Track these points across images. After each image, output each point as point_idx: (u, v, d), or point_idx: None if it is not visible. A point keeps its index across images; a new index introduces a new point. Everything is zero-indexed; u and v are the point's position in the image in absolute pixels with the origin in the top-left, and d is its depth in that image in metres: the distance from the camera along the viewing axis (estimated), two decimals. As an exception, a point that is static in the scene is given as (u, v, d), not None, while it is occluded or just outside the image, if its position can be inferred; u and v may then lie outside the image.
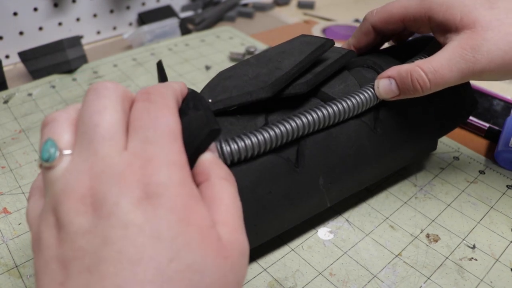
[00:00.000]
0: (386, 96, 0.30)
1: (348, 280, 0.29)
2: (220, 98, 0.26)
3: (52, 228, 0.18)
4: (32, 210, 0.20)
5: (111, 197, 0.17)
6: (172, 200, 0.17)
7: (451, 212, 0.35)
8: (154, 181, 0.17)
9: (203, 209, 0.18)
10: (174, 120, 0.19)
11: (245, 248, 0.20)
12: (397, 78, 0.29)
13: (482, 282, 0.29)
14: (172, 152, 0.18)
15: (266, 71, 0.28)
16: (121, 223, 0.16)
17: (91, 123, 0.18)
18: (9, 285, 0.28)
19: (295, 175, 0.27)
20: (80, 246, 0.16)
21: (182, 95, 0.23)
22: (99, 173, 0.17)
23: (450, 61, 0.27)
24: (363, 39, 0.34)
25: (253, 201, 0.26)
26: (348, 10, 0.81)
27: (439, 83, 0.28)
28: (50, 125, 0.20)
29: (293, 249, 0.31)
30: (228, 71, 0.29)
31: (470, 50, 0.27)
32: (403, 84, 0.29)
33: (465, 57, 0.27)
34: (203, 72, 0.56)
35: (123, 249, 0.16)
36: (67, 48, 0.53)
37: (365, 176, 0.32)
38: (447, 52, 0.28)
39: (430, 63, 0.28)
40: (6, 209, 0.35)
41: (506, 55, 0.27)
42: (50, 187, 0.18)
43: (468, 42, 0.27)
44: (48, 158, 0.18)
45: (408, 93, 0.29)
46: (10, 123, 0.46)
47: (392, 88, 0.29)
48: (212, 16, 0.71)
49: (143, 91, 0.21)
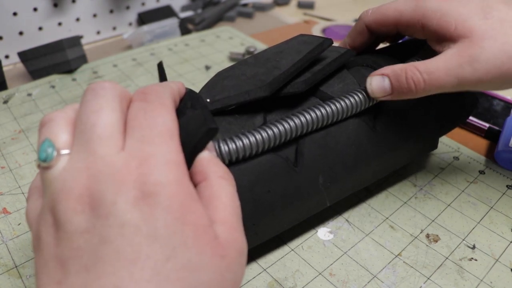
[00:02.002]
0: (378, 93, 0.29)
1: (348, 280, 0.29)
2: (218, 97, 0.26)
3: (50, 228, 0.18)
4: (32, 210, 0.20)
5: (109, 196, 0.17)
6: (168, 199, 0.17)
7: (451, 212, 0.35)
8: (151, 181, 0.17)
9: (200, 208, 0.18)
10: (170, 119, 0.20)
11: (243, 247, 0.20)
12: (391, 76, 0.28)
13: (482, 282, 0.29)
14: (168, 151, 0.18)
15: (264, 71, 0.28)
16: (118, 222, 0.16)
17: (88, 122, 0.18)
18: (9, 285, 0.28)
19: (294, 174, 0.27)
20: (77, 245, 0.17)
21: (179, 94, 0.23)
22: (96, 173, 0.17)
23: (447, 65, 0.27)
24: (358, 38, 0.34)
25: (251, 201, 0.26)
26: (348, 10, 0.81)
27: (434, 85, 0.27)
28: (48, 125, 0.20)
29: (293, 249, 0.31)
30: (227, 71, 0.29)
31: (468, 58, 0.26)
32: (397, 82, 0.28)
33: (463, 64, 0.26)
34: (203, 72, 0.56)
35: (120, 248, 0.16)
36: (67, 48, 0.53)
37: (365, 175, 0.32)
38: (445, 57, 0.27)
39: (426, 64, 0.27)
40: (6, 209, 0.35)
41: (504, 65, 0.26)
42: (48, 187, 0.18)
43: (466, 51, 0.26)
44: (46, 158, 0.18)
45: (402, 92, 0.28)
46: (9, 123, 0.46)
47: (385, 86, 0.28)
48: (212, 16, 0.71)
49: (140, 90, 0.21)
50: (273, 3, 0.82)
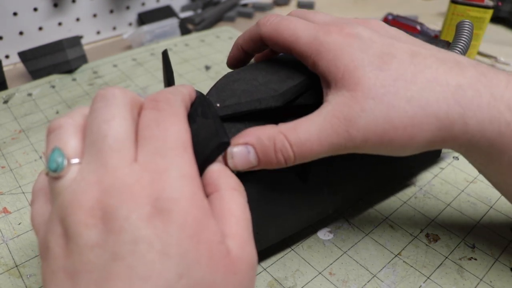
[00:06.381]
0: (242, 167, 0.23)
1: (348, 280, 0.29)
2: (228, 103, 0.25)
3: (59, 238, 0.17)
4: (38, 215, 0.20)
5: (122, 211, 0.16)
6: (182, 216, 0.17)
7: (450, 212, 0.35)
8: (165, 196, 0.17)
9: (213, 224, 0.18)
10: (184, 130, 0.19)
11: (254, 261, 0.19)
12: (257, 147, 0.22)
13: (482, 281, 0.29)
14: (182, 165, 0.18)
15: (277, 79, 0.27)
16: (131, 238, 0.16)
17: (99, 133, 0.18)
18: (9, 285, 0.28)
19: (301, 185, 0.27)
20: (88, 260, 0.16)
21: (190, 99, 0.22)
22: (108, 186, 0.17)
23: (320, 133, 0.22)
24: (250, 44, 0.29)
25: (258, 211, 0.25)
26: (348, 10, 0.81)
27: (306, 157, 0.23)
28: (56, 132, 0.19)
29: (293, 249, 0.31)
30: (237, 73, 0.28)
31: (344, 122, 0.22)
32: (264, 156, 0.22)
33: (338, 130, 0.22)
34: (203, 72, 0.56)
35: (132, 265, 0.16)
36: (67, 48, 0.53)
37: (370, 185, 0.32)
38: (319, 119, 0.22)
39: (297, 132, 0.22)
40: (6, 209, 0.35)
41: (385, 134, 0.22)
42: (57, 197, 0.18)
43: (344, 110, 0.22)
44: (56, 168, 0.18)
45: (269, 165, 0.23)
46: (10, 123, 0.46)
47: (251, 159, 0.22)
48: (212, 16, 0.71)
49: (151, 97, 0.20)
50: (273, 3, 0.82)
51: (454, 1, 0.56)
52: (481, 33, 0.56)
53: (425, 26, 0.67)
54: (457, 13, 0.56)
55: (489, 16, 0.55)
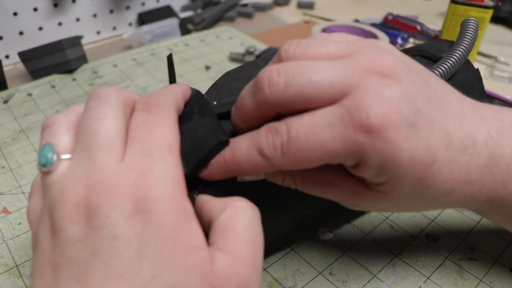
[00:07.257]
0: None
1: (348, 280, 0.29)
2: (225, 101, 0.26)
3: (47, 232, 0.18)
4: (32, 210, 0.20)
5: (104, 208, 0.17)
6: (161, 217, 0.17)
7: (450, 212, 0.35)
8: (147, 196, 0.17)
9: (194, 228, 0.18)
10: (171, 132, 0.19)
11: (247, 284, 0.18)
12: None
13: (482, 282, 0.29)
14: (167, 166, 0.18)
15: None
16: (110, 235, 0.16)
17: (91, 130, 0.18)
18: (9, 285, 0.28)
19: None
20: (70, 254, 0.17)
21: (184, 98, 0.23)
22: (94, 183, 0.17)
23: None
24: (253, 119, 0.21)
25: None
26: (347, 10, 0.81)
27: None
28: (49, 128, 0.20)
29: (293, 249, 0.31)
30: (236, 72, 0.28)
31: None
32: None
33: None
34: (203, 72, 0.56)
35: (109, 261, 0.16)
36: (67, 48, 0.53)
37: None
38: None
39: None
40: (6, 208, 0.35)
41: None
42: (48, 191, 0.18)
43: None
44: (46, 163, 0.18)
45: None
46: (10, 123, 0.46)
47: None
48: (212, 16, 0.71)
49: (143, 100, 0.21)
50: (273, 3, 0.82)
51: (454, 1, 0.56)
52: (481, 33, 0.56)
53: (425, 26, 0.67)
54: (457, 13, 0.56)
55: (489, 16, 0.55)
